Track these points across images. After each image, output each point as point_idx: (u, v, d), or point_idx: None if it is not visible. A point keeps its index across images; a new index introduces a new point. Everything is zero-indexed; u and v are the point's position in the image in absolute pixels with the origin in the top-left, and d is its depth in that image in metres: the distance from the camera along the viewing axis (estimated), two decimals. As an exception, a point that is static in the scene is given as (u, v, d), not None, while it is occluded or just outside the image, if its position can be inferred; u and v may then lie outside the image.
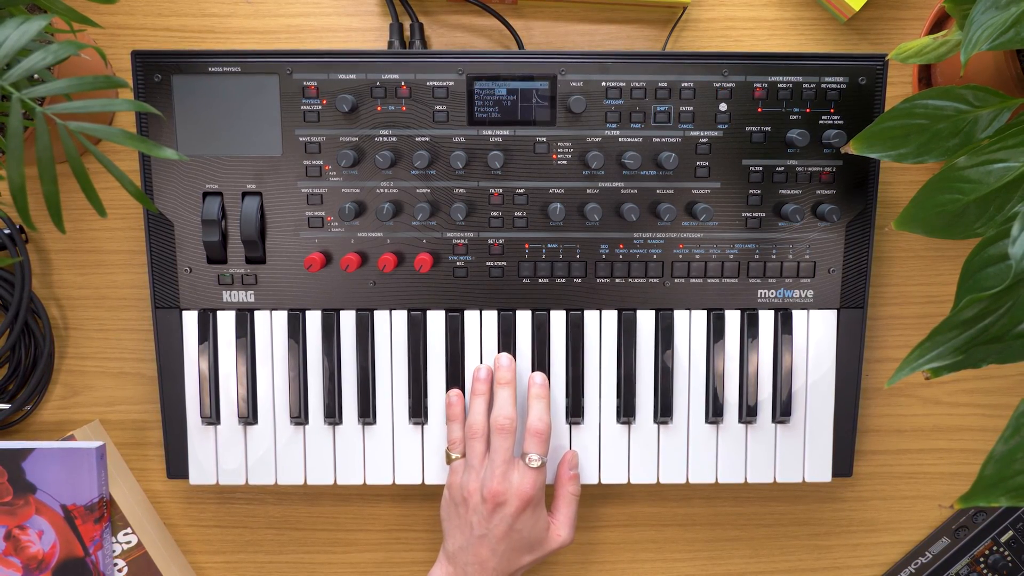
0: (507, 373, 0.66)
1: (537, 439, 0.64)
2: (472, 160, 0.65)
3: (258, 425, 0.68)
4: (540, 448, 0.64)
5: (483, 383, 0.67)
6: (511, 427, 0.64)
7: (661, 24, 0.71)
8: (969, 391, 0.74)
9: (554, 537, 0.66)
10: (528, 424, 0.65)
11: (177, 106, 0.64)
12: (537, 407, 0.66)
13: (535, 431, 0.64)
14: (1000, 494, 0.41)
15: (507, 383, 0.66)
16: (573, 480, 0.68)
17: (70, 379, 0.73)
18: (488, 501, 0.63)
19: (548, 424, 0.65)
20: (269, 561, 0.75)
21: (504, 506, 0.63)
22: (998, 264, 0.46)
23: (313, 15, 0.70)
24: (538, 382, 0.67)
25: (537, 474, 0.64)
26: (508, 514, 0.63)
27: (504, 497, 0.63)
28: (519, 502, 0.63)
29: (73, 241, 0.72)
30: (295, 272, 0.67)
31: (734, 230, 0.67)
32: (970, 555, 0.73)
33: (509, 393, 0.66)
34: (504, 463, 0.63)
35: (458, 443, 0.66)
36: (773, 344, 0.68)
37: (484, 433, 0.65)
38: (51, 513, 0.69)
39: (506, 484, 0.63)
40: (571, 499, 0.67)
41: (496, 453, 0.64)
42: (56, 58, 0.44)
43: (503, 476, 0.63)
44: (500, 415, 0.64)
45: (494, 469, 0.63)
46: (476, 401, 0.66)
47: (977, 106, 0.53)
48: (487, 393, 0.66)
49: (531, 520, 0.64)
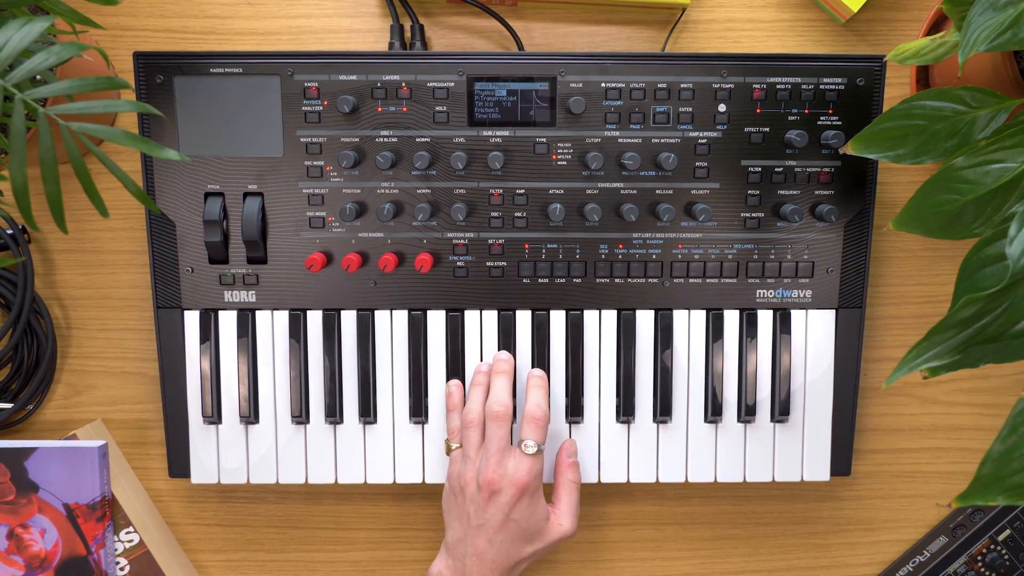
0: (505, 364, 0.66)
1: (534, 425, 0.63)
2: (472, 161, 0.65)
3: (259, 424, 0.69)
4: (537, 435, 0.63)
5: (483, 375, 0.67)
6: (506, 414, 0.63)
7: (660, 25, 0.71)
8: (967, 390, 0.74)
9: (555, 527, 0.64)
10: (526, 410, 0.64)
11: (179, 107, 0.64)
12: (535, 394, 0.65)
13: (532, 417, 0.63)
14: (997, 493, 0.41)
15: (504, 372, 0.66)
16: (572, 468, 0.66)
17: (72, 378, 0.73)
18: (483, 489, 0.62)
19: (546, 411, 0.64)
20: (270, 559, 0.75)
21: (499, 494, 0.61)
22: (996, 264, 0.46)
23: (314, 16, 0.71)
24: (536, 374, 0.67)
25: (533, 461, 0.62)
26: (504, 503, 0.61)
27: (499, 485, 0.61)
28: (514, 490, 0.61)
29: (75, 241, 0.72)
30: (296, 272, 0.67)
31: (733, 230, 0.67)
32: (968, 553, 0.73)
33: (505, 381, 0.65)
34: (499, 451, 0.62)
35: (456, 432, 0.66)
36: (772, 344, 0.68)
37: (480, 422, 0.64)
38: (53, 512, 0.69)
39: (501, 471, 0.62)
40: (571, 487, 0.66)
41: (490, 441, 0.63)
42: (58, 59, 0.44)
43: (498, 463, 0.62)
44: (495, 402, 0.64)
45: (489, 457, 0.62)
46: (474, 391, 0.66)
47: (975, 107, 0.53)
48: (486, 384, 0.66)
49: (528, 509, 0.62)
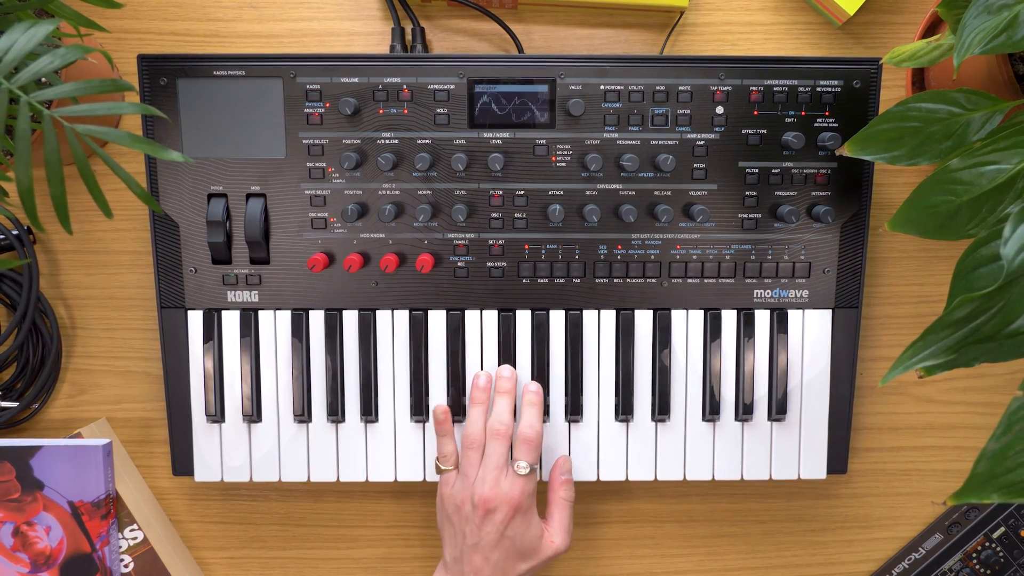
0: (508, 383, 0.67)
1: (527, 447, 0.65)
2: (473, 162, 0.66)
3: (262, 423, 0.69)
4: (530, 456, 0.65)
5: (482, 392, 0.67)
6: (507, 433, 0.65)
7: (659, 28, 0.72)
8: (962, 389, 0.75)
9: (548, 544, 0.65)
10: (519, 430, 0.65)
11: (182, 109, 0.65)
12: (528, 414, 0.66)
13: (526, 438, 0.65)
14: (992, 491, 0.41)
15: (507, 392, 0.67)
16: (565, 485, 0.67)
17: (77, 378, 0.74)
18: (479, 508, 0.63)
19: (539, 432, 0.65)
20: (273, 557, 0.76)
21: (494, 513, 0.63)
22: (990, 264, 0.46)
23: (316, 19, 0.71)
24: (532, 389, 0.67)
25: (526, 481, 0.64)
26: (499, 521, 0.63)
27: (494, 504, 0.63)
28: (508, 508, 0.63)
29: (80, 242, 0.73)
30: (298, 272, 0.68)
31: (731, 231, 0.67)
32: (963, 551, 0.74)
33: (508, 401, 0.66)
34: (497, 468, 0.64)
35: (449, 456, 0.66)
36: (769, 343, 0.69)
37: (481, 444, 0.65)
38: (58, 510, 0.69)
39: (497, 491, 0.63)
40: (564, 504, 0.67)
41: (490, 458, 0.64)
42: (63, 62, 0.44)
43: (495, 482, 0.63)
44: (497, 421, 0.65)
45: (487, 474, 0.63)
46: (474, 410, 0.66)
47: (970, 109, 0.53)
48: (486, 403, 0.67)
49: (522, 527, 0.64)
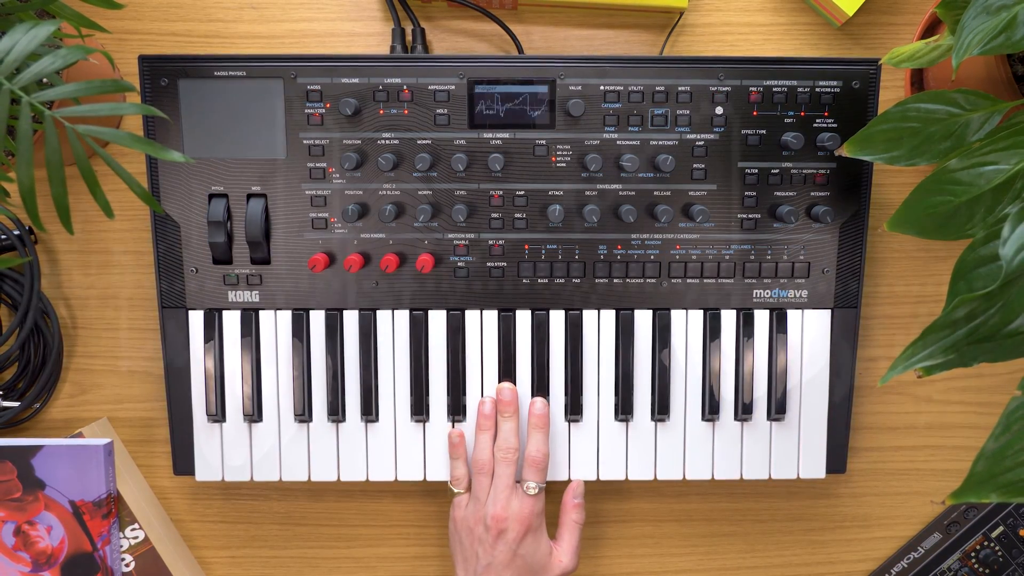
0: (510, 408, 0.68)
1: (535, 468, 0.67)
2: (473, 162, 0.66)
3: (263, 423, 0.69)
4: (537, 476, 0.67)
5: (488, 419, 0.68)
6: (514, 457, 0.67)
7: (658, 29, 0.72)
8: (960, 389, 0.75)
9: (556, 564, 0.67)
10: (527, 454, 0.67)
11: (183, 109, 0.65)
12: (536, 437, 0.68)
13: (533, 461, 0.67)
14: (991, 490, 0.41)
15: (511, 416, 0.68)
16: (577, 508, 0.69)
17: (78, 377, 0.74)
18: (491, 528, 0.65)
19: (545, 455, 0.67)
20: (273, 556, 0.76)
21: (506, 532, 0.65)
22: (989, 265, 0.46)
23: (317, 20, 0.71)
24: (537, 411, 0.68)
25: (535, 501, 0.66)
26: (511, 539, 0.65)
27: (505, 524, 0.65)
28: (519, 527, 0.65)
29: (81, 242, 0.73)
30: (299, 272, 0.68)
31: (730, 231, 0.67)
32: (961, 550, 0.74)
33: (513, 426, 0.68)
34: (506, 488, 0.66)
35: (462, 480, 0.68)
36: (768, 343, 0.69)
37: (490, 470, 0.67)
38: (60, 509, 0.70)
39: (508, 510, 0.65)
40: (574, 527, 0.69)
41: (499, 479, 0.66)
42: (65, 62, 0.44)
43: (505, 502, 0.65)
44: (504, 446, 0.67)
45: (497, 495, 0.66)
46: (482, 437, 0.68)
47: (968, 110, 0.53)
48: (492, 429, 0.68)
49: (533, 545, 0.66)
